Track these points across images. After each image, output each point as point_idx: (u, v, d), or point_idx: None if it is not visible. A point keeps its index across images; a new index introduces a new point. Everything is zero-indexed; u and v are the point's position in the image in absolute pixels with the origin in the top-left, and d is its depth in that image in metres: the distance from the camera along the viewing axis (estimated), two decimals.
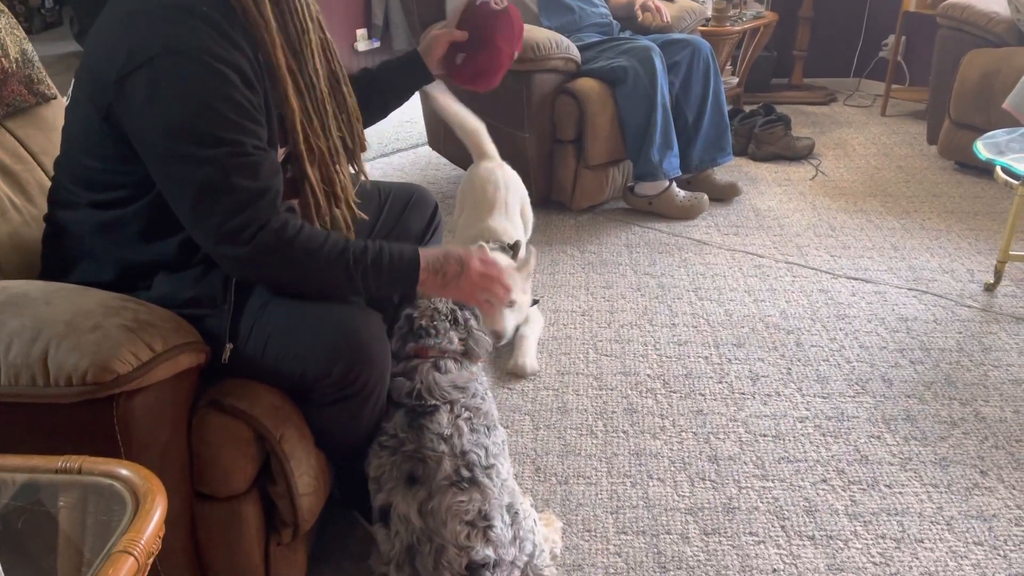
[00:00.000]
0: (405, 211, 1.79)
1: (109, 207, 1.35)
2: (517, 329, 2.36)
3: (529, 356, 2.31)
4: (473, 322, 1.59)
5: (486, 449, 1.47)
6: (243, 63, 1.25)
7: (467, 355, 1.58)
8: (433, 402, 1.46)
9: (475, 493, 1.42)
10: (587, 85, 3.08)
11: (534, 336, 2.39)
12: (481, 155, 2.58)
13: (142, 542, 0.85)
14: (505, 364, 2.31)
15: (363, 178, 1.57)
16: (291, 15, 1.32)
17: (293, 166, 1.39)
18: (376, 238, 1.74)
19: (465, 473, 1.42)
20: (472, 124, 2.55)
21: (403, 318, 1.57)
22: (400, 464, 1.43)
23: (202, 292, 1.33)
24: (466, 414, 1.48)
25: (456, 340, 1.55)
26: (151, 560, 0.86)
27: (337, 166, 1.45)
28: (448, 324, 1.56)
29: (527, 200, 2.64)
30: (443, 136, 3.56)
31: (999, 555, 1.67)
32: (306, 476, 1.38)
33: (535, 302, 2.48)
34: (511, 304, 1.64)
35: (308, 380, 1.35)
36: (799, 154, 3.90)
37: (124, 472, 0.94)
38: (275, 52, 1.30)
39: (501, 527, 1.44)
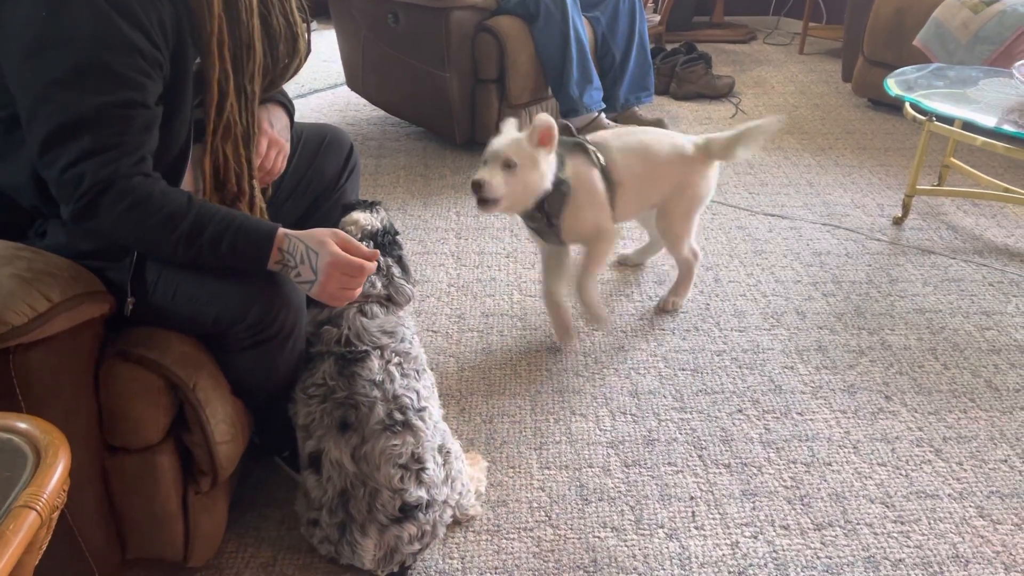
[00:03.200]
0: (319, 153, 1.73)
1: None
2: None
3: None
4: (395, 269, 1.56)
5: (417, 392, 1.46)
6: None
7: (391, 300, 1.56)
8: (363, 348, 1.44)
9: (408, 436, 1.42)
10: (506, 23, 3.03)
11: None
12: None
13: (44, 496, 0.82)
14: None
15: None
16: None
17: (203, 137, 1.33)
18: (287, 184, 1.68)
19: (398, 417, 1.42)
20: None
21: None
22: (331, 411, 1.42)
23: (100, 245, 1.27)
24: (396, 359, 1.47)
25: (379, 284, 1.53)
26: (56, 514, 0.84)
27: (249, 154, 1.40)
28: None
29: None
30: (362, 76, 3.46)
31: (901, 474, 1.76)
32: (223, 424, 1.36)
33: None
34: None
35: (222, 324, 1.31)
36: (720, 92, 3.94)
37: (23, 426, 0.90)
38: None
39: (434, 468, 1.46)
